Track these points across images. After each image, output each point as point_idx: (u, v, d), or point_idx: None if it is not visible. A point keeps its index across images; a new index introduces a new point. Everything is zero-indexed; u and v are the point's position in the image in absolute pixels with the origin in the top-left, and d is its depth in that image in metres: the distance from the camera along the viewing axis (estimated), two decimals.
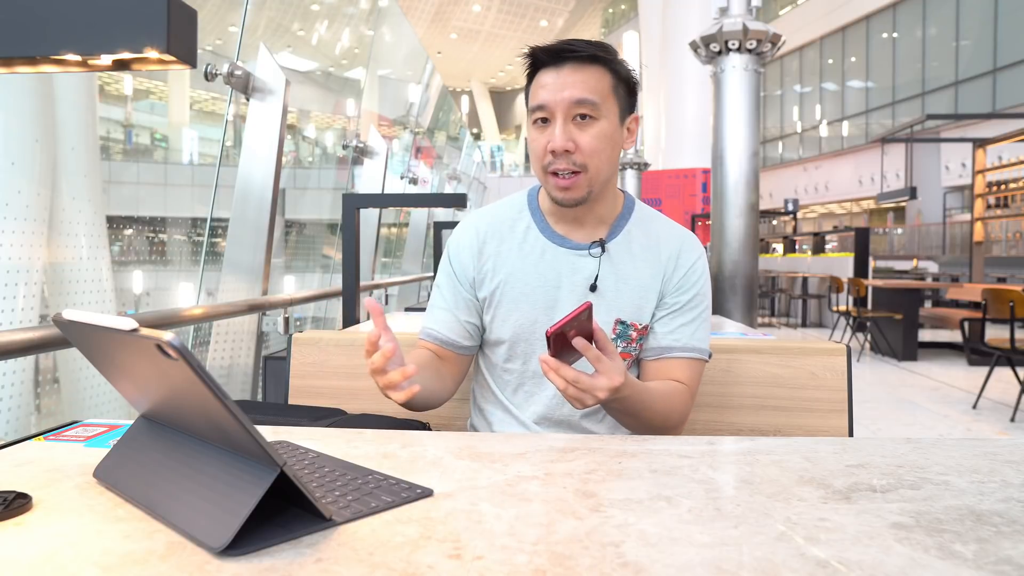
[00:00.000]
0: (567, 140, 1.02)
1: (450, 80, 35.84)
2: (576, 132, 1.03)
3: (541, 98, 1.03)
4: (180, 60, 0.75)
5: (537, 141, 1.05)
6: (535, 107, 1.04)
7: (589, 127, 1.03)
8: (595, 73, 1.03)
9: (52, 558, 0.52)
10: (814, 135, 21.57)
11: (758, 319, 5.44)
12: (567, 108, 1.02)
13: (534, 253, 1.12)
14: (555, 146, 1.02)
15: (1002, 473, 0.72)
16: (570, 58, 1.02)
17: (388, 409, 1.31)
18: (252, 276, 2.85)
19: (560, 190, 1.05)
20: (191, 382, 0.53)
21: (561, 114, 1.02)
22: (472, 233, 1.16)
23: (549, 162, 1.04)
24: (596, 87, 1.03)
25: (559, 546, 0.54)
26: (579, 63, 1.02)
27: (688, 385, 1.08)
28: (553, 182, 1.05)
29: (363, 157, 5.50)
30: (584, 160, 1.03)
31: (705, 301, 1.13)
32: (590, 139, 1.03)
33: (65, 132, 2.38)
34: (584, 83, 1.02)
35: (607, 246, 1.11)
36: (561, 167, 1.03)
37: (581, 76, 1.02)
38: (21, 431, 2.15)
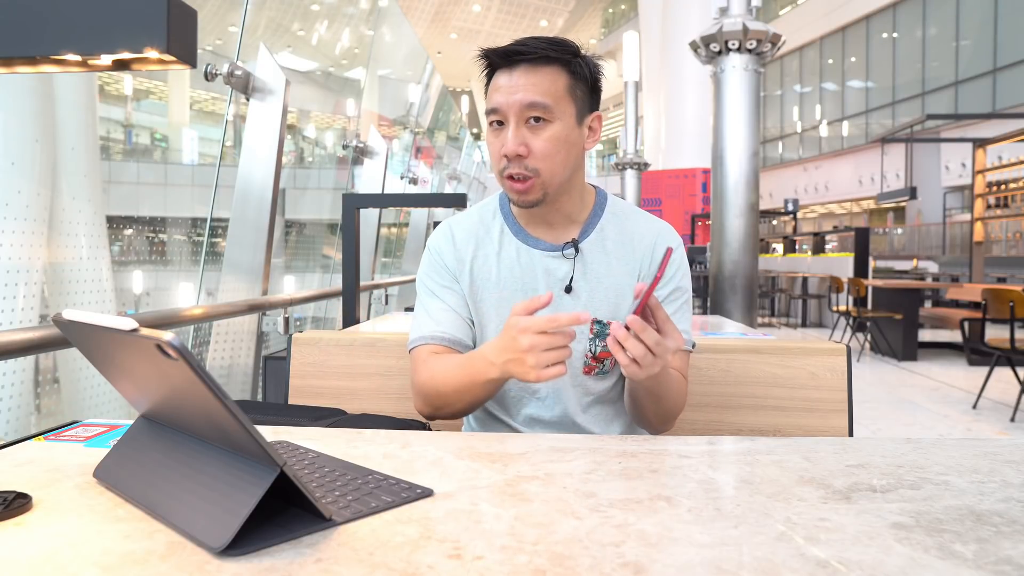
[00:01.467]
0: (519, 144, 1.01)
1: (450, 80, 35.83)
2: (529, 135, 1.01)
3: (495, 101, 1.02)
4: (180, 60, 0.74)
5: (492, 144, 1.05)
6: (489, 110, 1.03)
7: (542, 130, 1.02)
8: (549, 74, 1.02)
9: (52, 558, 0.52)
10: (814, 135, 21.57)
11: (758, 319, 5.44)
12: (519, 111, 1.01)
13: (509, 257, 1.11)
14: (507, 151, 1.01)
15: (1002, 473, 0.72)
16: (522, 60, 1.01)
17: (388, 409, 1.31)
18: (252, 276, 2.85)
19: (515, 193, 1.04)
20: (191, 382, 0.53)
21: (513, 117, 1.01)
22: (449, 238, 1.15)
23: (504, 166, 1.03)
24: (549, 89, 1.01)
25: (559, 546, 0.54)
26: (532, 64, 1.01)
27: (684, 374, 1.09)
28: (509, 185, 1.05)
29: (363, 157, 5.50)
30: (536, 164, 1.02)
31: (686, 294, 1.13)
32: (542, 143, 1.02)
33: (65, 132, 2.38)
34: (536, 85, 1.00)
35: (580, 246, 1.10)
36: (515, 171, 1.02)
37: (534, 78, 1.01)
38: (21, 431, 2.15)
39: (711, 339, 1.33)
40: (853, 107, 19.84)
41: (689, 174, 13.65)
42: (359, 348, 1.35)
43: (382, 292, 5.75)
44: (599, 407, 1.12)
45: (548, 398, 1.10)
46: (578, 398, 1.11)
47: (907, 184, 10.66)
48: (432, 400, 1.05)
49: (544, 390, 1.10)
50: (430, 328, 1.10)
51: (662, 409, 1.03)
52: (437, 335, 1.09)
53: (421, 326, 1.11)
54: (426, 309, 1.13)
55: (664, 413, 1.04)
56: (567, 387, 1.10)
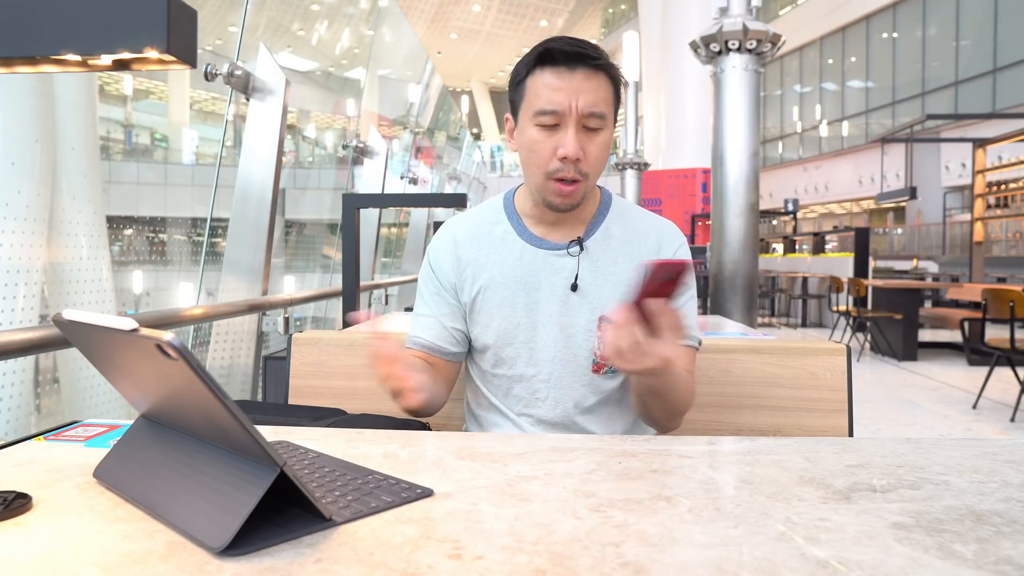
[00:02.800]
0: (579, 148, 1.01)
1: (450, 80, 35.85)
2: (585, 141, 1.02)
3: (553, 102, 1.00)
4: (180, 60, 0.74)
5: (543, 144, 1.03)
6: (546, 111, 1.01)
7: (596, 137, 1.03)
8: (603, 82, 1.02)
9: (52, 558, 0.52)
10: (814, 135, 21.58)
11: (758, 319, 5.44)
12: (580, 116, 1.00)
13: (512, 256, 1.12)
14: (568, 153, 1.00)
15: (1002, 473, 0.72)
16: (584, 64, 1.01)
17: (388, 409, 1.31)
18: (252, 276, 2.85)
19: (562, 196, 1.04)
20: (191, 382, 0.53)
21: (574, 121, 1.01)
22: (450, 240, 1.16)
23: (556, 168, 1.02)
24: (605, 97, 1.02)
25: (559, 546, 0.54)
26: (591, 70, 1.01)
27: (690, 371, 1.08)
28: (555, 187, 1.04)
29: (363, 157, 5.50)
30: (588, 169, 1.03)
31: (690, 290, 1.13)
32: (597, 149, 1.03)
33: (65, 132, 2.38)
34: (595, 92, 1.01)
35: (585, 244, 1.10)
36: (568, 175, 1.02)
37: (592, 84, 1.01)
38: (21, 431, 2.15)
39: (711, 339, 1.33)
40: (853, 107, 19.84)
41: (689, 174, 13.65)
42: (359, 348, 1.35)
43: (382, 292, 5.74)
44: (603, 407, 1.12)
45: (550, 397, 1.10)
46: (583, 397, 1.10)
47: (907, 184, 10.66)
48: None
49: (546, 389, 1.10)
50: (415, 332, 1.16)
51: (667, 407, 1.03)
52: (418, 341, 1.14)
53: (411, 328, 1.17)
54: (417, 312, 1.18)
55: (670, 411, 1.04)
56: (572, 386, 1.10)
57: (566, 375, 1.10)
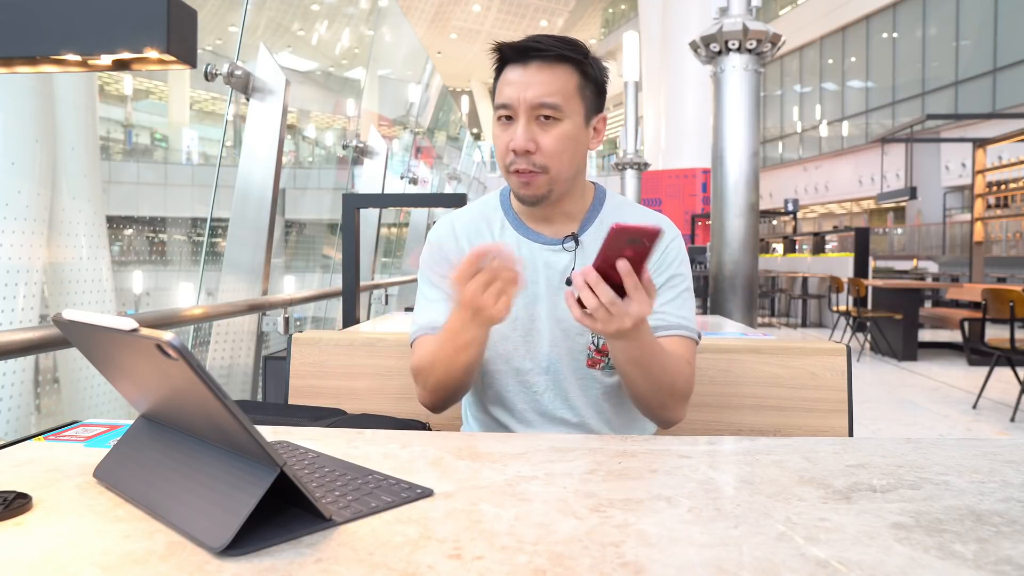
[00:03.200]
0: (528, 140, 1.01)
1: (450, 80, 35.85)
2: (538, 132, 1.02)
3: (505, 96, 1.03)
4: (180, 60, 0.74)
5: (500, 139, 1.05)
6: (499, 104, 1.04)
7: (551, 128, 1.02)
8: (562, 73, 1.02)
9: (52, 558, 0.52)
10: (814, 135, 21.57)
11: (758, 319, 5.44)
12: (530, 108, 1.01)
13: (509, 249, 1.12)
14: (516, 146, 1.02)
15: (1002, 473, 0.72)
16: (536, 56, 1.02)
17: (388, 409, 1.31)
18: (252, 276, 2.85)
19: (521, 186, 1.05)
20: (191, 382, 0.53)
21: (524, 114, 1.02)
22: (450, 231, 1.16)
23: (511, 161, 1.04)
24: (561, 88, 1.02)
25: (559, 546, 0.54)
26: (545, 62, 1.02)
27: (688, 361, 1.07)
28: (515, 179, 1.05)
29: (363, 157, 5.50)
30: (544, 161, 1.03)
31: (685, 281, 1.12)
32: (551, 140, 1.02)
33: (65, 132, 2.38)
34: (549, 83, 1.01)
35: (580, 239, 1.11)
36: (522, 167, 1.03)
37: (546, 76, 1.01)
38: (21, 431, 2.15)
39: (711, 339, 1.33)
40: (853, 107, 19.84)
41: (689, 174, 13.65)
42: (359, 348, 1.35)
43: (382, 292, 5.74)
44: (600, 401, 1.12)
45: (547, 391, 1.10)
46: (580, 391, 1.11)
47: (907, 184, 10.67)
48: (427, 380, 1.06)
49: (544, 383, 1.10)
50: (430, 319, 1.11)
51: (653, 382, 0.99)
52: (435, 325, 1.10)
53: (421, 316, 1.13)
54: (426, 300, 1.15)
55: (655, 385, 1.00)
56: (569, 379, 1.10)
57: (562, 369, 1.10)
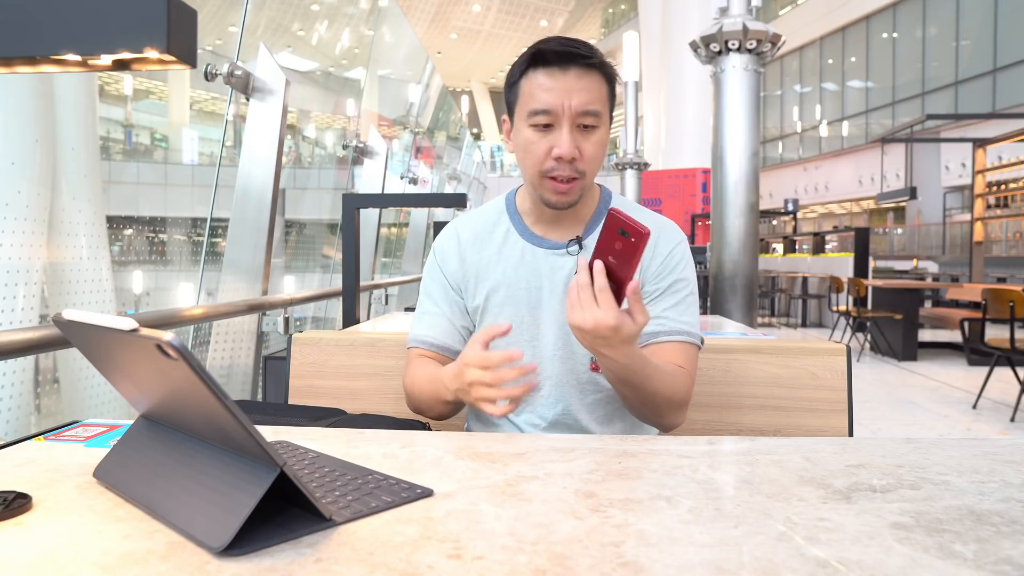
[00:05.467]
0: (574, 148, 1.02)
1: (450, 80, 35.85)
2: (580, 139, 1.03)
3: (545, 102, 1.01)
4: (180, 60, 0.74)
5: (538, 144, 1.04)
6: (538, 111, 1.02)
7: (591, 135, 1.03)
8: (596, 80, 1.03)
9: (52, 558, 0.52)
10: (814, 135, 21.57)
11: (758, 319, 5.44)
12: (575, 115, 1.01)
13: (514, 256, 1.13)
14: (563, 153, 1.01)
15: (1002, 473, 0.72)
16: (578, 63, 1.01)
17: (388, 409, 1.31)
18: (252, 276, 2.85)
19: (558, 194, 1.05)
20: (191, 382, 0.53)
21: (568, 121, 1.01)
22: (455, 240, 1.17)
23: (551, 167, 1.03)
24: (599, 96, 1.03)
25: (559, 546, 0.54)
26: (584, 69, 1.02)
27: (686, 368, 1.06)
28: (552, 186, 1.05)
29: (363, 157, 5.50)
30: (584, 167, 1.04)
31: (689, 286, 1.12)
32: (592, 147, 1.03)
33: (65, 132, 2.38)
34: (589, 91, 1.02)
35: (584, 243, 1.11)
36: (564, 174, 1.03)
37: (586, 83, 1.02)
38: (21, 431, 2.15)
39: (711, 339, 1.33)
40: (853, 107, 19.83)
41: (689, 174, 13.64)
42: (359, 348, 1.35)
43: (382, 292, 5.74)
44: (602, 405, 1.12)
45: (551, 395, 1.11)
46: (583, 395, 1.11)
47: (907, 184, 10.67)
48: (411, 402, 1.12)
49: (548, 386, 1.11)
50: (422, 332, 1.15)
51: (647, 400, 1.00)
52: (427, 340, 1.14)
53: (416, 327, 1.16)
54: (423, 311, 1.17)
55: (650, 404, 1.01)
56: (572, 383, 1.10)
57: (565, 372, 1.10)
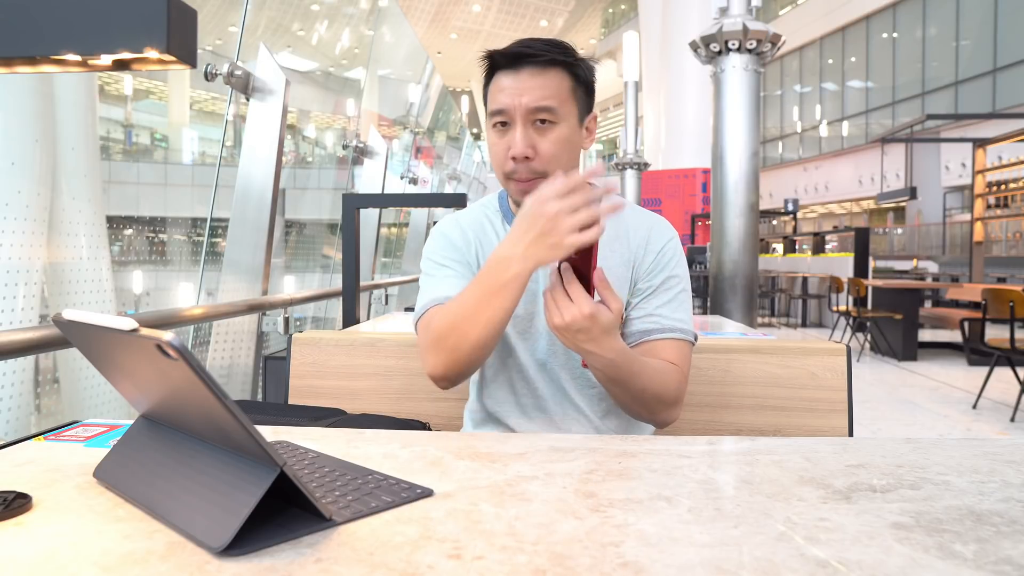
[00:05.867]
0: (527, 146, 1.01)
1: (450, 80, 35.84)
2: (536, 137, 1.02)
3: (500, 102, 1.02)
4: (180, 60, 0.74)
5: (497, 146, 1.04)
6: (494, 111, 1.03)
7: (548, 132, 1.02)
8: (554, 76, 1.02)
9: (52, 558, 0.52)
10: (814, 135, 21.57)
11: (758, 319, 5.44)
12: (526, 113, 1.01)
13: None
14: (515, 152, 1.01)
15: (1002, 473, 0.72)
16: (528, 62, 1.01)
17: (388, 409, 1.31)
18: (252, 276, 2.85)
19: (521, 193, 1.04)
20: (191, 382, 0.53)
21: (521, 119, 1.01)
22: (456, 225, 1.16)
23: (511, 168, 1.03)
24: (555, 92, 1.02)
25: (559, 546, 0.54)
26: (538, 67, 1.01)
27: (679, 365, 1.05)
28: (514, 186, 1.05)
29: (363, 157, 5.50)
30: (543, 166, 1.02)
31: (681, 283, 1.12)
32: (549, 144, 1.02)
33: (65, 132, 2.38)
34: (543, 88, 1.01)
35: None
36: (522, 176, 1.03)
37: (540, 80, 1.01)
38: (21, 431, 2.15)
39: (711, 339, 1.33)
40: (853, 107, 19.84)
41: (689, 174, 13.64)
42: (359, 348, 1.35)
43: (382, 292, 5.75)
44: (597, 401, 1.12)
45: (547, 391, 1.11)
46: (577, 390, 1.11)
47: (907, 184, 10.67)
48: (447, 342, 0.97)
49: (543, 381, 1.11)
50: (441, 291, 1.07)
51: (637, 398, 0.99)
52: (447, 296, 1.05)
53: (430, 291, 1.08)
54: (435, 278, 1.10)
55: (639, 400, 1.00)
56: (566, 379, 1.11)
57: (558, 368, 1.11)
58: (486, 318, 0.94)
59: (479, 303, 0.94)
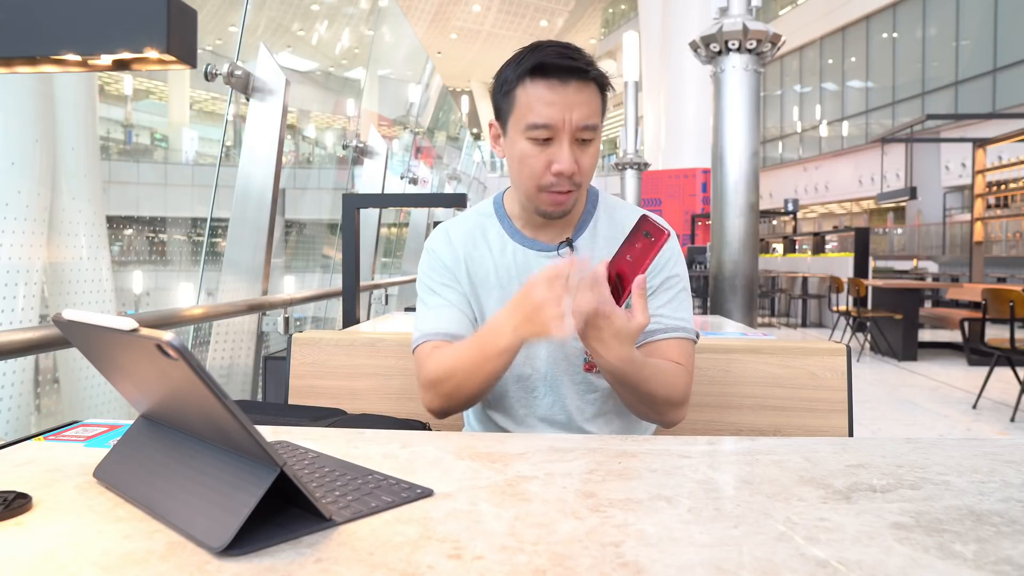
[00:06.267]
0: (574, 163, 1.00)
1: (450, 80, 35.84)
2: (578, 153, 1.02)
3: (546, 116, 0.99)
4: (180, 60, 0.74)
5: (537, 159, 1.02)
6: (539, 124, 0.99)
7: (588, 148, 1.02)
8: (594, 93, 1.02)
9: (52, 558, 0.52)
10: (814, 135, 21.57)
11: (758, 319, 5.44)
12: (575, 130, 1.00)
13: (506, 257, 1.12)
14: (563, 169, 1.00)
15: (1002, 473, 0.72)
16: (576, 76, 0.99)
17: (388, 409, 1.31)
18: (252, 276, 2.85)
19: (556, 205, 1.04)
20: (191, 382, 0.53)
21: (568, 136, 1.00)
22: (447, 242, 1.15)
23: (551, 183, 1.02)
24: (597, 109, 1.02)
25: (559, 546, 0.54)
26: (583, 81, 1.00)
27: (684, 364, 1.06)
28: (548, 198, 1.04)
29: (363, 157, 5.50)
30: (581, 180, 1.03)
31: (681, 282, 1.12)
32: (589, 160, 1.03)
33: (65, 132, 2.38)
34: (588, 104, 1.00)
35: (575, 244, 1.11)
36: (564, 188, 1.02)
37: (585, 96, 1.00)
38: (21, 431, 2.15)
39: (711, 339, 1.33)
40: (853, 107, 19.84)
41: (689, 174, 13.65)
42: (359, 348, 1.35)
43: (382, 292, 5.75)
44: (599, 405, 1.12)
45: (547, 396, 1.11)
46: (578, 395, 1.11)
47: (907, 184, 10.67)
48: (442, 388, 1.02)
49: (543, 388, 1.11)
50: (433, 325, 1.09)
51: (645, 398, 1.00)
52: (441, 331, 1.08)
53: (424, 323, 1.11)
54: (428, 307, 1.13)
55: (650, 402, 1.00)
56: (567, 384, 1.10)
57: (560, 374, 1.10)
58: (482, 376, 0.99)
59: (475, 363, 0.99)
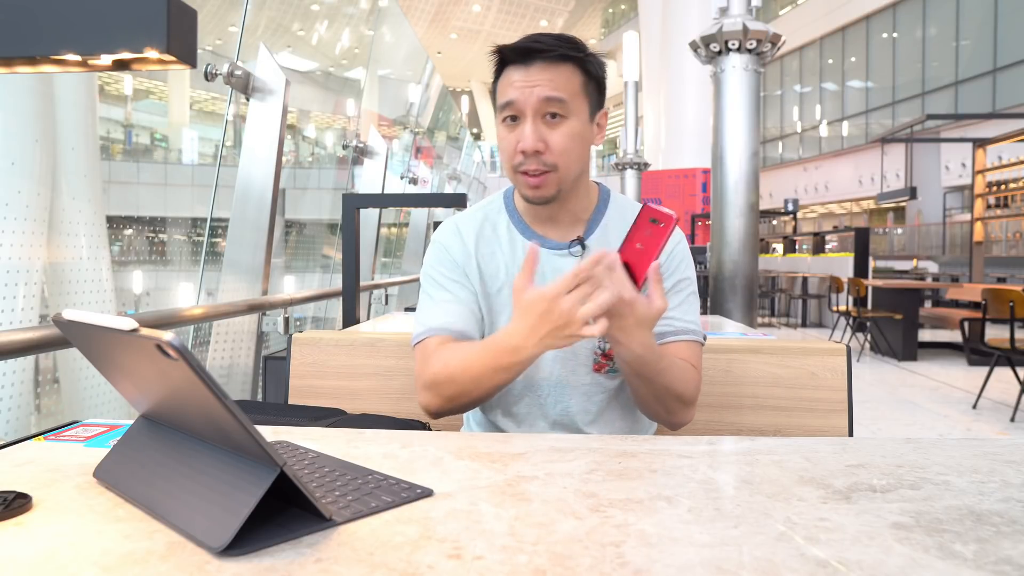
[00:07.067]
0: (537, 140, 1.00)
1: (450, 80, 35.84)
2: (546, 131, 1.01)
3: (509, 95, 1.01)
4: (180, 60, 0.74)
5: (507, 140, 1.04)
6: (504, 104, 1.02)
7: (559, 126, 1.02)
8: (565, 71, 1.02)
9: (52, 558, 0.52)
10: (814, 135, 21.58)
11: (758, 319, 5.44)
12: (537, 106, 1.00)
13: (517, 254, 1.11)
14: (525, 146, 1.00)
15: (1002, 473, 0.72)
16: (539, 56, 1.01)
17: (388, 409, 1.31)
18: (252, 276, 2.85)
19: (530, 188, 1.04)
20: (191, 382, 0.53)
21: (531, 112, 1.01)
22: (456, 232, 1.14)
23: (519, 162, 1.02)
24: (566, 85, 1.01)
25: (559, 546, 0.54)
26: (548, 61, 1.01)
27: (694, 366, 1.07)
28: (523, 180, 1.04)
29: (363, 157, 5.50)
30: (554, 160, 1.02)
31: (691, 285, 1.12)
32: (560, 138, 1.02)
33: (65, 132, 2.39)
34: (553, 81, 1.00)
35: (587, 243, 1.10)
36: (531, 168, 1.02)
37: (550, 74, 1.01)
38: (21, 431, 2.15)
39: (711, 339, 1.33)
40: (853, 107, 19.84)
41: (689, 174, 13.65)
42: (359, 348, 1.35)
43: (382, 292, 5.74)
44: (604, 406, 1.11)
45: (552, 396, 1.10)
46: (585, 396, 1.10)
47: (907, 184, 10.68)
48: (445, 390, 1.01)
49: (548, 387, 1.10)
50: (439, 320, 1.07)
51: (660, 393, 1.00)
52: (447, 327, 1.06)
53: (429, 318, 1.08)
54: (433, 301, 1.10)
55: (664, 398, 1.01)
56: (574, 385, 1.10)
57: (567, 374, 1.09)
58: (491, 384, 0.98)
59: (487, 371, 0.97)
